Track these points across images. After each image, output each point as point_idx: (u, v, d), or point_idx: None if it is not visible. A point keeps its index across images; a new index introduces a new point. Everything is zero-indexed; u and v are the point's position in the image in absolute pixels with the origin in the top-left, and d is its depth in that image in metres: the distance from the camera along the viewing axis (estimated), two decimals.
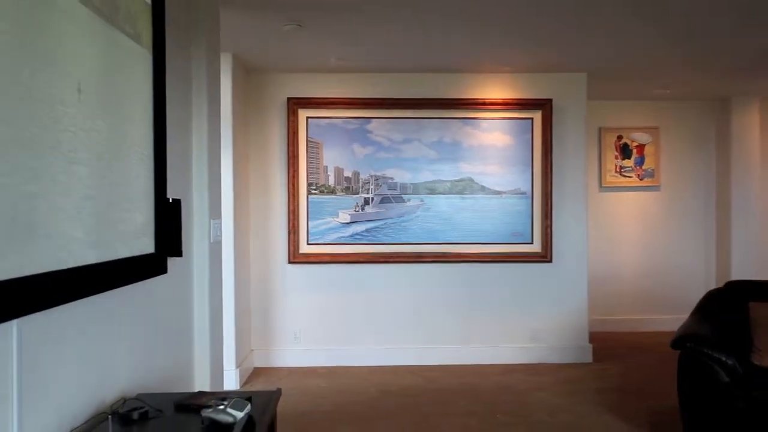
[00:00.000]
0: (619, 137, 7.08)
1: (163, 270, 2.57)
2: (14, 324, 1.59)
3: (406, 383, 5.05)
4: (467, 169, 5.71)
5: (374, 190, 5.67)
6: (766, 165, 7.20)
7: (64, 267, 1.72)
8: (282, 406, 4.38)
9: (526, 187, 5.72)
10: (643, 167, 7.10)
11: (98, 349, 2.13)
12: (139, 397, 2.21)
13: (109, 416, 1.93)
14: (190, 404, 2.11)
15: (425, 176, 5.69)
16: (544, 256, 5.71)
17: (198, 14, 3.28)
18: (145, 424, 1.95)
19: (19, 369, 1.63)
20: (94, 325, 2.10)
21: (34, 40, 1.59)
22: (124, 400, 2.15)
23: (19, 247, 1.49)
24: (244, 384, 5.03)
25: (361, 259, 5.64)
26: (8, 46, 1.44)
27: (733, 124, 6.93)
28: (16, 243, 1.47)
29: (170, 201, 2.68)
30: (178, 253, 2.80)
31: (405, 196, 5.68)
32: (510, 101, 5.68)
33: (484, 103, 5.67)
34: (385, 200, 5.68)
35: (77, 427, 1.90)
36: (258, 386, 4.94)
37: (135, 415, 1.98)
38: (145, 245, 2.38)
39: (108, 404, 2.13)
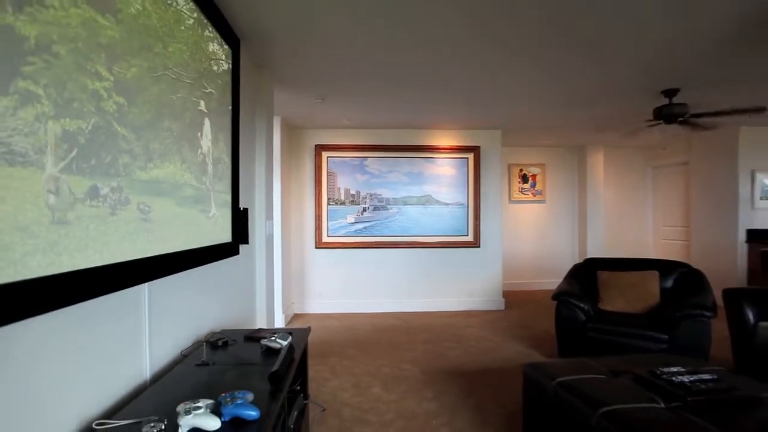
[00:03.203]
0: (521, 170, 7.13)
1: (236, 252, 2.57)
2: (146, 286, 1.59)
3: (388, 323, 5.05)
4: (428, 189, 5.71)
5: (369, 202, 5.66)
6: (606, 187, 7.30)
7: (178, 250, 1.73)
8: (311, 337, 4.41)
9: (464, 201, 5.74)
10: (535, 188, 7.15)
11: (197, 301, 2.14)
12: (222, 332, 2.20)
13: (204, 343, 1.93)
14: (253, 336, 2.12)
15: (401, 194, 5.69)
16: (475, 244, 5.73)
17: (260, 92, 3.28)
18: (226, 348, 1.96)
19: (149, 313, 1.63)
20: (194, 286, 2.10)
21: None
22: (213, 333, 2.15)
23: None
24: (287, 324, 5.01)
25: (361, 246, 5.63)
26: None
27: (587, 161, 7.01)
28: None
29: (241, 209, 2.68)
30: (246, 241, 2.81)
31: (388, 206, 5.68)
32: (454, 147, 5.70)
33: (438, 148, 5.69)
34: (376, 209, 5.67)
35: (185, 349, 1.91)
36: (296, 325, 4.93)
37: (219, 343, 1.98)
38: (226, 237, 2.38)
39: (203, 336, 2.13)
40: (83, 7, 1.16)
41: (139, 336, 1.56)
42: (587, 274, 4.02)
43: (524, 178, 7.11)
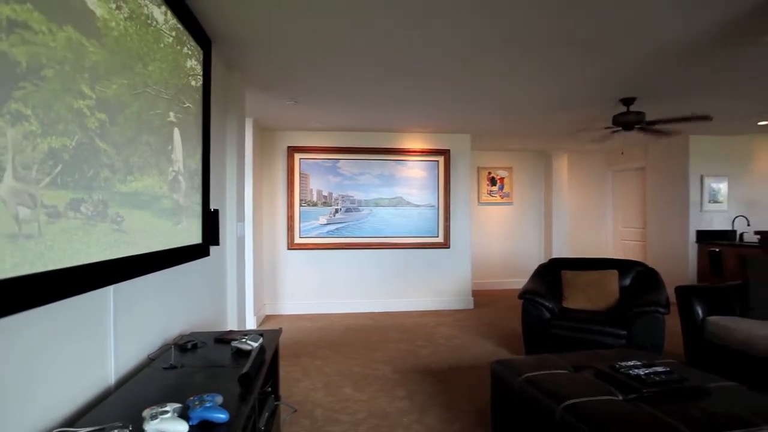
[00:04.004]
0: (489, 173, 7.26)
1: (207, 254, 2.51)
2: (111, 289, 1.54)
3: (359, 323, 5.04)
4: (399, 191, 5.74)
5: (341, 204, 5.64)
6: (570, 190, 7.53)
7: (145, 252, 1.69)
8: (283, 338, 4.35)
9: (435, 202, 5.79)
10: (503, 191, 7.29)
11: (166, 304, 2.08)
12: (191, 334, 2.15)
13: (172, 346, 1.88)
14: (223, 338, 2.09)
15: (373, 195, 5.69)
16: (445, 244, 5.80)
17: (232, 93, 3.22)
18: (196, 351, 1.92)
19: (115, 316, 1.58)
20: (163, 289, 2.05)
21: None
22: (182, 336, 2.10)
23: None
24: (259, 325, 4.93)
25: (333, 247, 5.60)
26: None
27: (552, 165, 7.21)
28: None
29: (212, 210, 2.63)
30: (217, 243, 2.74)
31: (360, 208, 5.67)
32: (425, 150, 5.75)
33: (409, 151, 5.72)
34: (348, 210, 5.65)
35: (153, 353, 1.85)
36: (268, 326, 4.85)
37: (189, 345, 1.94)
38: (197, 238, 2.33)
39: (172, 338, 2.07)
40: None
41: (104, 340, 1.51)
42: (552, 274, 4.13)
43: (492, 181, 7.24)
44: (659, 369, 2.06)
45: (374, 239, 5.67)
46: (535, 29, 2.54)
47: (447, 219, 5.77)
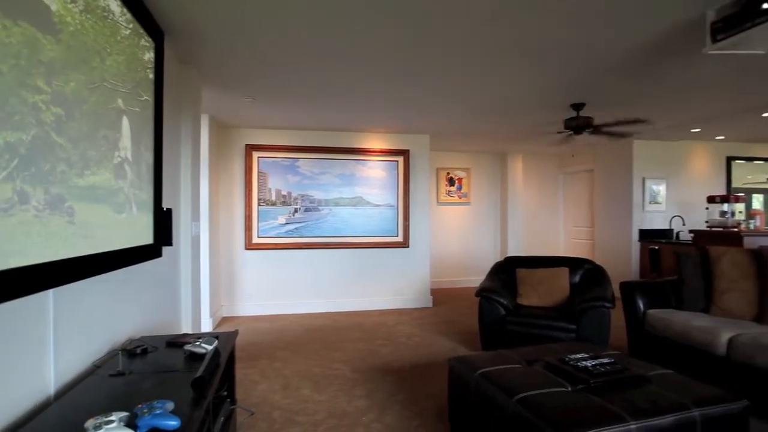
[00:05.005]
0: (448, 173, 7.38)
1: (159, 254, 2.41)
2: (50, 293, 1.44)
3: (319, 323, 4.99)
4: (359, 190, 5.73)
5: (301, 203, 5.57)
6: (525, 190, 7.79)
7: (93, 252, 1.60)
8: (241, 340, 4.24)
9: (394, 202, 5.82)
10: (461, 191, 7.44)
11: (114, 307, 1.97)
12: (141, 339, 2.05)
13: (120, 352, 1.78)
14: (176, 341, 2.01)
15: (333, 195, 5.65)
16: (405, 244, 5.84)
17: (187, 89, 3.11)
18: (146, 356, 1.83)
19: (55, 322, 1.48)
20: (111, 291, 1.94)
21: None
22: (131, 341, 2.00)
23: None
24: (215, 327, 4.78)
25: (292, 247, 5.52)
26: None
27: (508, 166, 7.44)
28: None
29: (165, 209, 2.52)
30: (169, 243, 2.63)
31: (320, 207, 5.61)
32: (385, 150, 5.77)
33: (370, 151, 5.72)
34: (307, 210, 5.58)
35: (98, 359, 1.75)
36: (225, 329, 4.71)
37: (138, 350, 1.85)
38: (148, 238, 2.23)
39: (120, 343, 1.97)
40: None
41: (43, 348, 1.41)
42: (507, 272, 4.24)
43: (451, 182, 7.37)
44: (605, 360, 2.16)
45: (334, 239, 5.63)
46: (486, 37, 2.62)
47: (406, 219, 5.82)
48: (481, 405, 2.12)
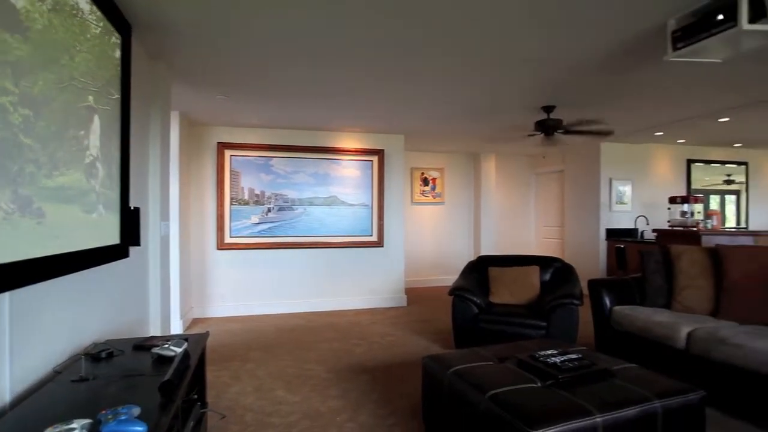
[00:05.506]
0: (422, 173, 7.43)
1: (125, 255, 2.34)
2: (6, 296, 1.38)
3: (293, 323, 4.94)
4: (333, 190, 5.70)
5: (274, 203, 5.50)
6: (498, 190, 7.93)
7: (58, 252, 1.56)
8: (212, 341, 4.16)
9: (369, 202, 5.82)
10: (435, 191, 7.50)
11: (77, 310, 1.90)
12: (107, 342, 1.98)
13: (83, 356, 1.72)
14: (144, 345, 1.95)
15: (307, 194, 5.60)
16: (379, 243, 5.85)
17: (156, 85, 3.02)
18: (111, 360, 1.77)
19: (11, 327, 1.41)
20: (74, 294, 1.87)
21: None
22: (95, 345, 1.93)
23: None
24: (186, 329, 4.66)
25: (265, 247, 5.44)
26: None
27: (481, 167, 7.55)
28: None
29: (132, 208, 2.44)
30: (137, 243, 2.56)
31: (294, 207, 5.56)
32: (360, 150, 5.76)
33: (344, 150, 5.70)
34: (281, 209, 5.52)
35: (59, 365, 1.68)
36: (196, 330, 4.60)
37: (103, 354, 1.79)
38: (114, 238, 2.15)
39: (83, 347, 1.90)
40: None
41: None
42: (480, 271, 4.30)
43: (425, 181, 7.43)
44: (573, 356, 2.22)
45: (308, 238, 5.58)
46: (458, 43, 2.65)
47: (381, 218, 5.83)
48: (454, 402, 2.14)
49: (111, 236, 2.13)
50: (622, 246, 5.97)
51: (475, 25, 2.46)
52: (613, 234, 6.28)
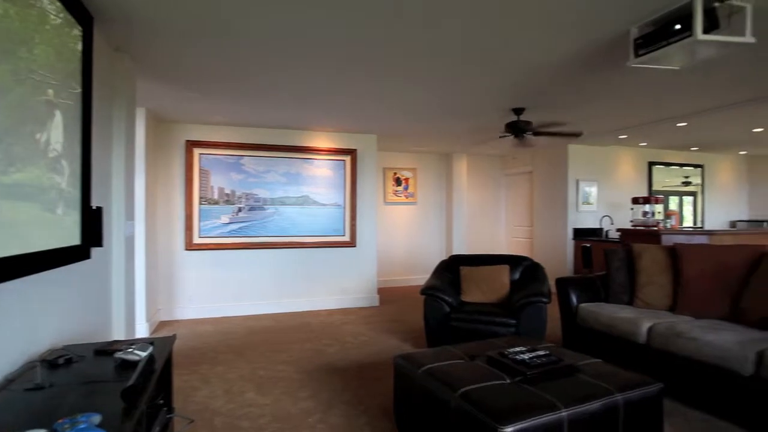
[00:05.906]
0: (395, 173, 7.46)
1: (87, 256, 2.24)
2: None
3: (264, 325, 4.87)
4: (306, 189, 5.64)
5: (245, 202, 5.40)
6: (469, 190, 8.04)
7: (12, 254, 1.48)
8: (181, 344, 4.05)
9: (341, 201, 5.80)
10: (408, 191, 7.54)
11: (31, 315, 1.80)
12: (65, 348, 1.90)
13: (39, 363, 1.64)
14: (106, 349, 1.87)
15: (279, 194, 5.53)
16: (352, 243, 5.83)
17: (120, 79, 2.91)
18: (70, 366, 1.69)
19: None
20: (28, 298, 1.78)
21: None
22: (52, 351, 1.84)
23: None
24: (153, 332, 4.52)
25: (236, 247, 5.34)
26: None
27: (453, 167, 7.63)
28: None
29: (94, 208, 2.34)
30: (99, 244, 2.45)
31: (265, 207, 5.47)
32: (332, 149, 5.73)
33: (317, 150, 5.65)
34: (252, 209, 5.42)
35: (11, 373, 1.60)
36: (163, 333, 4.46)
37: (61, 361, 1.70)
38: (74, 239, 2.06)
39: (39, 354, 1.81)
40: None
41: None
42: (451, 270, 4.35)
43: (398, 181, 7.46)
44: (540, 353, 2.28)
45: (280, 238, 5.51)
46: (427, 43, 2.67)
47: (353, 218, 5.81)
48: (425, 401, 2.16)
49: (72, 236, 2.04)
50: (588, 245, 6.17)
51: (437, 25, 2.48)
52: (579, 233, 6.48)
